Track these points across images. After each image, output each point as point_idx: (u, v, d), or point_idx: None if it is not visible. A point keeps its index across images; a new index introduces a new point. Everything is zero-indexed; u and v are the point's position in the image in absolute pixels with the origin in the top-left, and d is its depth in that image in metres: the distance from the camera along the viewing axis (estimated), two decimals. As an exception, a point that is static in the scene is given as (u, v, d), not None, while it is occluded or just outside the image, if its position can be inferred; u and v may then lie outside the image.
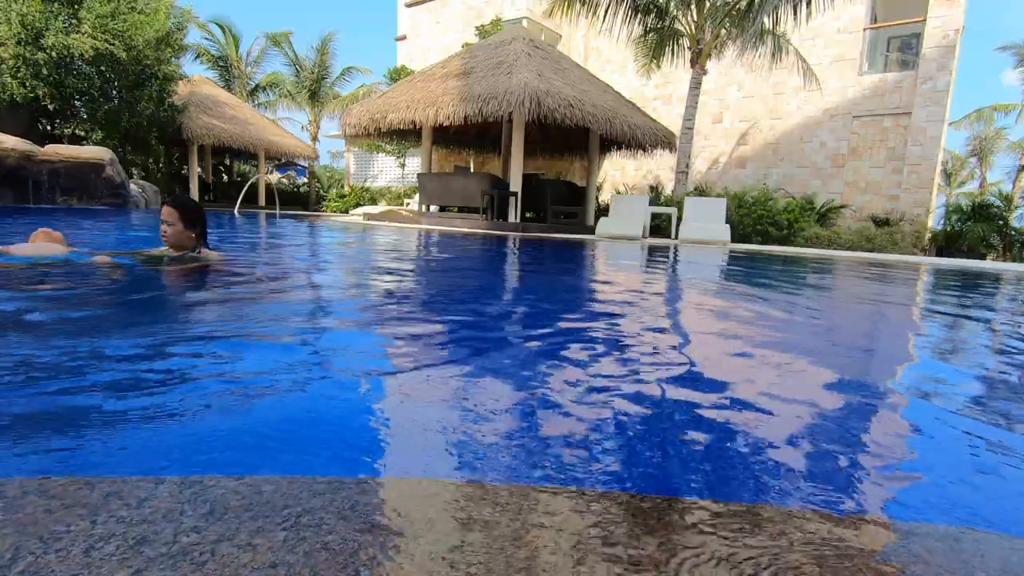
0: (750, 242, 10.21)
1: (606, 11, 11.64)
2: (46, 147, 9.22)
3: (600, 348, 1.87)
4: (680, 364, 1.76)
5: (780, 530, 0.75)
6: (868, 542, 0.75)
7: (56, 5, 10.53)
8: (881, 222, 11.00)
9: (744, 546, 0.70)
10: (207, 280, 2.63)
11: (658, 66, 12.71)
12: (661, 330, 2.37)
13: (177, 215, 2.63)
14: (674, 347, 2.05)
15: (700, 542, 0.71)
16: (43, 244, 2.68)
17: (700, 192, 11.91)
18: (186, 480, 0.79)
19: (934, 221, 12.28)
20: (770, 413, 1.27)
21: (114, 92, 11.75)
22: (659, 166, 14.84)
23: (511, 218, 10.74)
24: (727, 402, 1.33)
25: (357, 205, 18.79)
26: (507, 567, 0.62)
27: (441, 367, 1.53)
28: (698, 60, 11.14)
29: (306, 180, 22.57)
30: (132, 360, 1.38)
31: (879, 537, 0.77)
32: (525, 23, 15.58)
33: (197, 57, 19.60)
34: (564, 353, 1.76)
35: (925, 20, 11.39)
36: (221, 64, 20.10)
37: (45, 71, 10.39)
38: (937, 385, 1.69)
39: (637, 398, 1.33)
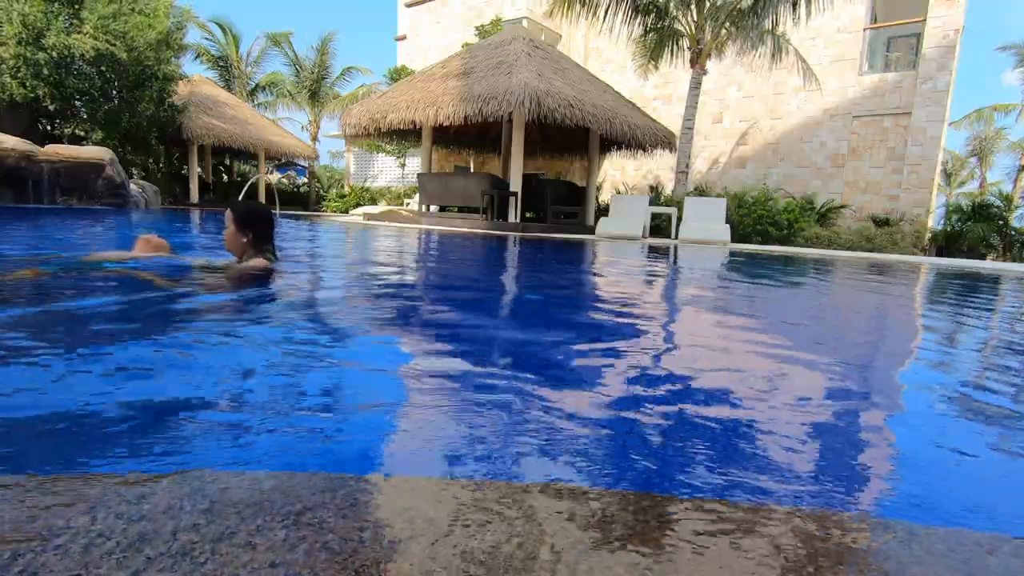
0: (750, 242, 10.21)
1: (606, 11, 11.64)
2: (46, 147, 9.21)
3: (603, 348, 1.87)
4: (687, 365, 1.76)
5: (780, 530, 0.75)
6: (868, 543, 0.75)
7: (57, 5, 10.53)
8: (881, 222, 11.00)
9: (743, 546, 0.70)
10: (237, 286, 2.56)
11: (656, 67, 12.72)
12: (666, 331, 2.37)
13: (231, 217, 2.60)
14: (680, 347, 2.05)
15: (700, 542, 0.70)
16: (140, 252, 2.70)
17: (700, 192, 11.91)
18: (186, 475, 0.79)
19: (934, 221, 12.28)
20: (772, 415, 1.27)
21: (114, 92, 11.75)
22: (659, 166, 14.84)
23: (511, 218, 10.73)
24: (727, 401, 1.33)
25: (357, 205, 18.79)
26: (507, 567, 0.62)
27: (442, 364, 1.53)
28: (698, 60, 11.14)
29: (306, 180, 22.57)
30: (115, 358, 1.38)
31: (879, 538, 0.77)
32: (525, 23, 15.58)
33: (197, 57, 19.61)
34: (569, 355, 1.76)
35: (925, 20, 11.39)
36: (221, 64, 20.10)
37: (45, 71, 10.38)
38: (940, 384, 1.69)
39: (640, 399, 1.32)
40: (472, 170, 16.98)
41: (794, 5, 10.24)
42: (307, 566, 0.59)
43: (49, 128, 12.40)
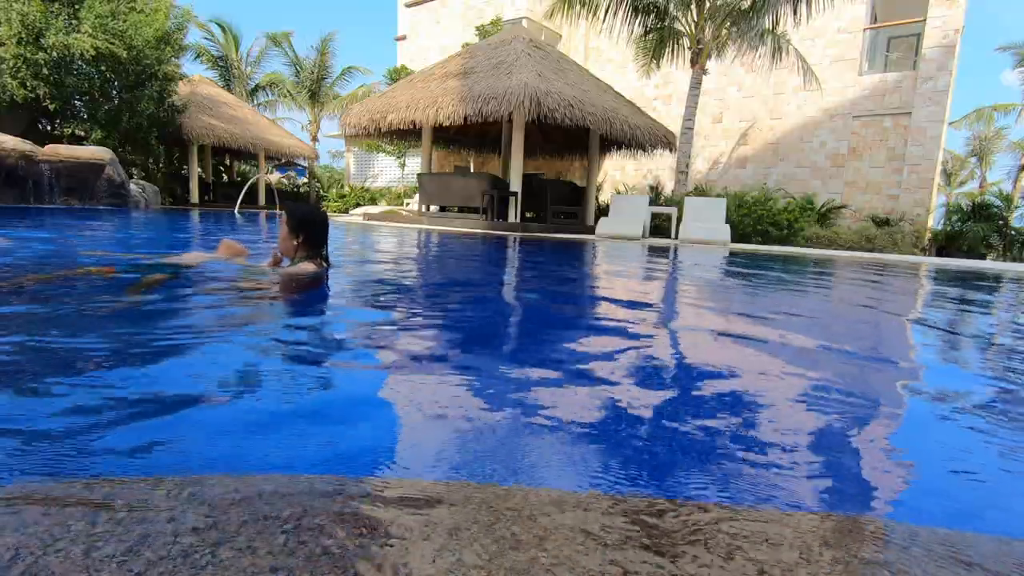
0: (750, 242, 10.21)
1: (606, 11, 11.63)
2: (46, 147, 9.21)
3: (607, 346, 1.87)
4: (692, 364, 1.76)
5: (779, 531, 0.75)
6: (867, 544, 0.75)
7: (56, 5, 10.52)
8: (881, 222, 11.00)
9: (742, 549, 0.70)
10: (282, 288, 2.53)
11: (658, 66, 12.71)
12: (671, 331, 2.37)
13: (285, 220, 2.62)
14: (683, 346, 2.05)
15: (700, 545, 0.70)
16: (222, 254, 2.78)
17: (700, 192, 11.90)
18: (186, 479, 0.79)
19: (934, 221, 12.28)
20: (772, 415, 1.27)
21: (114, 92, 11.73)
22: (659, 166, 14.84)
23: (511, 218, 10.73)
24: (725, 402, 1.33)
25: (357, 205, 18.79)
26: (508, 571, 0.62)
27: (442, 366, 1.53)
28: (698, 60, 11.13)
29: (306, 180, 22.57)
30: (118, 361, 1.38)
31: (879, 539, 0.77)
32: (525, 23, 15.57)
33: (197, 57, 19.60)
34: (570, 358, 1.76)
35: (925, 20, 11.38)
36: (221, 64, 20.09)
37: (45, 71, 10.37)
38: (942, 385, 1.69)
39: (644, 401, 1.32)
40: (472, 170, 16.97)
41: (794, 6, 10.23)
42: (307, 571, 0.59)
43: (49, 128, 12.38)
